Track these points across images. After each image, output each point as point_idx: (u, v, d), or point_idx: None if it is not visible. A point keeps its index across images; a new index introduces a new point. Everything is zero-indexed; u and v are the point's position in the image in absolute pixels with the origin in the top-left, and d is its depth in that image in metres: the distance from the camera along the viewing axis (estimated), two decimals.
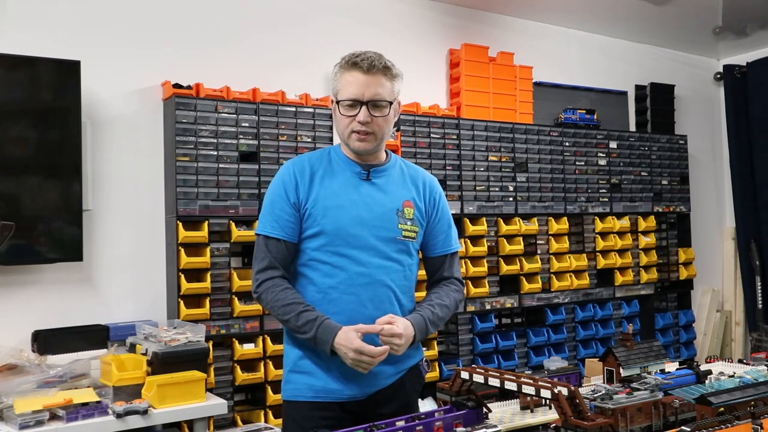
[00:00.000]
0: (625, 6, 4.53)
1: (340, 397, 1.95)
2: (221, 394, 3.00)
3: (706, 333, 5.43)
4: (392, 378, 2.00)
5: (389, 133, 2.03)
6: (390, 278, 1.98)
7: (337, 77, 1.99)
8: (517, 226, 4.13)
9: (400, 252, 2.01)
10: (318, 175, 1.99)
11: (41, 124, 2.95)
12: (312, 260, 1.97)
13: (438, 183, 2.17)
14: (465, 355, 3.93)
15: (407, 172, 2.11)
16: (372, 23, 4.01)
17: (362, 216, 1.96)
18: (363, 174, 2.01)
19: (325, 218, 1.95)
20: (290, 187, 1.97)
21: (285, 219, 1.96)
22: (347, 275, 1.94)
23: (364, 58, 1.94)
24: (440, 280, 2.13)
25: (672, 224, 5.02)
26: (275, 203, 1.98)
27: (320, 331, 1.87)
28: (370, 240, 1.96)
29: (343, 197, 1.97)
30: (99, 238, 3.14)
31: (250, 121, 3.32)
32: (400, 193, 2.04)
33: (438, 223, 2.11)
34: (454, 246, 2.15)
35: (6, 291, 2.92)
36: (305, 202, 1.96)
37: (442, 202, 2.13)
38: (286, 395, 2.03)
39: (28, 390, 2.44)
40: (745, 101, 5.46)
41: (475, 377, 1.73)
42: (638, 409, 1.61)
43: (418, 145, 3.82)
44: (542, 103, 4.56)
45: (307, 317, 1.89)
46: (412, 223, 2.02)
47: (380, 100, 1.95)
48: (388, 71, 1.96)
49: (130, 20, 3.26)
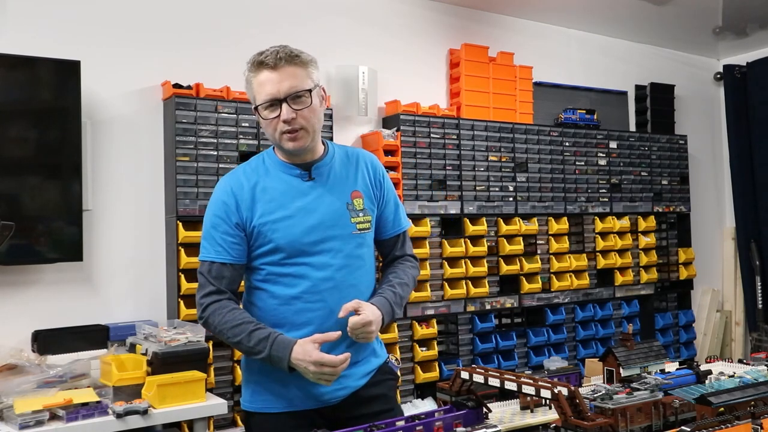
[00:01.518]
0: (625, 6, 4.53)
1: (313, 404, 1.89)
2: (221, 394, 3.00)
3: (706, 333, 5.43)
4: (364, 379, 1.96)
5: (320, 123, 1.92)
6: (354, 277, 1.91)
7: (249, 83, 1.88)
8: (517, 226, 4.13)
9: (359, 246, 1.94)
10: (258, 188, 1.89)
11: (41, 124, 2.94)
12: (270, 275, 1.89)
13: (377, 160, 2.08)
14: (465, 355, 3.93)
15: (347, 158, 2.01)
16: (372, 23, 4.02)
17: (313, 222, 1.88)
18: (304, 175, 1.92)
19: (276, 233, 1.86)
20: (231, 208, 1.87)
21: (230, 242, 1.86)
22: (311, 283, 1.86)
23: (268, 54, 1.83)
24: (394, 259, 2.09)
25: (672, 224, 5.02)
26: (217, 226, 1.87)
27: (274, 348, 1.77)
28: (328, 243, 1.88)
29: (289, 206, 1.88)
30: (99, 238, 3.14)
31: (250, 121, 3.32)
32: (345, 185, 1.95)
33: (386, 205, 2.04)
34: (404, 224, 2.09)
35: (6, 291, 2.92)
36: (251, 221, 1.86)
37: (386, 182, 2.05)
38: (253, 406, 1.94)
39: (28, 390, 2.44)
40: (745, 101, 5.46)
41: (475, 377, 1.73)
42: (638, 409, 1.61)
43: (418, 145, 3.82)
44: (542, 103, 4.56)
45: (259, 336, 1.79)
46: (363, 213, 1.95)
47: (298, 91, 1.83)
48: (296, 59, 1.84)
49: (130, 20, 3.26)
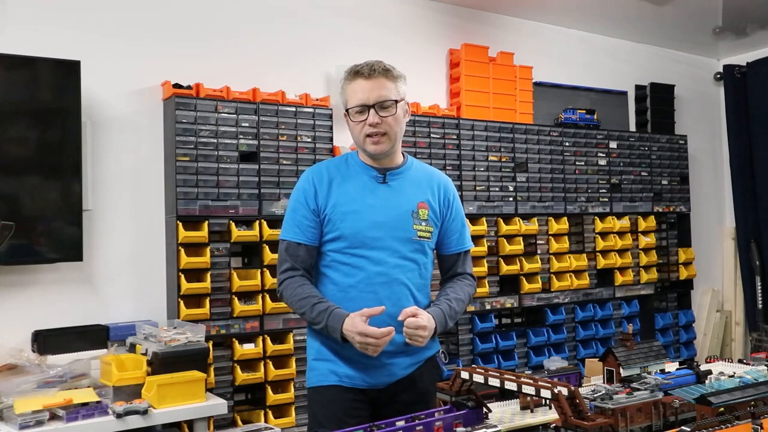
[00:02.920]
0: (625, 6, 4.53)
1: (361, 384, 2.05)
2: (221, 394, 3.00)
3: (706, 333, 5.43)
4: (409, 369, 2.09)
5: (401, 132, 2.13)
6: (406, 276, 2.08)
7: (344, 90, 2.11)
8: (517, 226, 4.13)
9: (415, 251, 2.10)
10: (336, 181, 2.10)
11: (41, 124, 2.94)
12: (333, 261, 2.09)
13: (452, 184, 2.26)
14: (465, 355, 3.93)
15: (423, 173, 2.21)
16: (372, 23, 4.01)
17: (378, 219, 2.06)
18: (379, 177, 2.11)
19: (343, 223, 2.06)
20: (310, 195, 2.09)
21: (306, 225, 2.08)
22: (366, 275, 2.04)
23: (365, 65, 2.07)
24: (454, 276, 2.23)
25: (672, 224, 5.02)
26: (297, 210, 2.10)
27: (330, 319, 1.98)
28: (387, 241, 2.06)
29: (360, 202, 2.07)
30: (99, 238, 3.14)
31: (250, 121, 3.32)
32: (415, 195, 2.13)
33: (452, 222, 2.20)
34: (467, 244, 2.26)
35: (6, 291, 2.92)
36: (324, 208, 2.08)
37: (456, 202, 2.23)
38: (311, 383, 2.13)
39: (28, 390, 2.44)
40: (745, 101, 5.45)
41: (475, 377, 1.73)
42: (638, 409, 1.61)
43: (418, 145, 3.82)
44: (542, 103, 4.56)
45: (320, 308, 2.00)
46: (426, 223, 2.12)
47: (385, 100, 2.05)
48: (388, 73, 2.07)
49: (130, 20, 3.26)
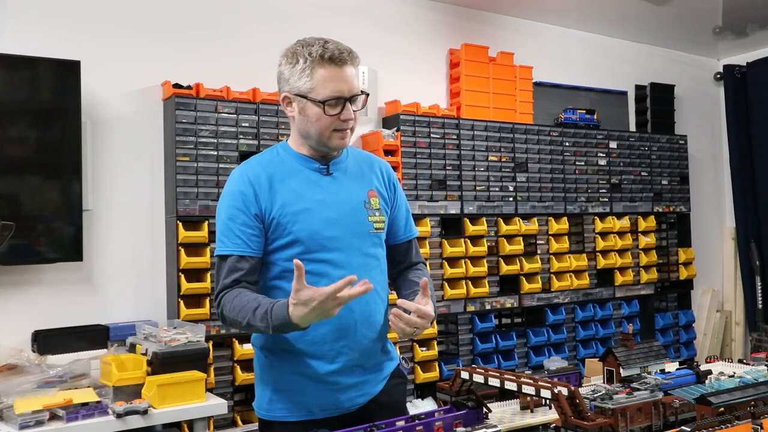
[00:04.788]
0: (625, 6, 4.53)
1: (335, 411, 1.87)
2: (221, 394, 3.00)
3: (706, 333, 5.43)
4: (380, 384, 1.96)
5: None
6: (371, 276, 1.82)
7: (306, 73, 1.78)
8: (517, 226, 4.13)
9: (374, 246, 1.91)
10: (276, 178, 1.83)
11: (41, 124, 2.94)
12: (286, 272, 1.78)
13: (390, 166, 2.07)
14: (465, 355, 3.93)
15: (362, 158, 2.00)
16: (372, 23, 4.01)
17: (332, 216, 1.83)
18: (323, 169, 1.88)
19: (296, 225, 1.79)
20: (249, 198, 1.79)
21: (249, 233, 1.78)
22: (330, 281, 1.69)
23: (335, 49, 1.78)
24: (409, 266, 2.06)
25: (672, 224, 5.02)
26: (235, 218, 1.79)
27: (274, 318, 1.66)
28: (346, 239, 1.84)
29: (308, 199, 1.82)
30: (99, 238, 3.14)
31: (250, 121, 3.32)
32: (362, 184, 1.93)
33: (399, 210, 2.02)
34: (415, 231, 2.09)
35: (6, 291, 2.92)
36: (270, 211, 1.80)
37: (398, 187, 2.04)
38: (271, 415, 1.87)
39: (28, 390, 2.44)
40: (745, 101, 5.45)
41: (475, 377, 1.73)
42: (638, 409, 1.61)
43: (418, 145, 3.82)
44: (542, 103, 4.56)
45: (260, 313, 1.69)
46: (379, 213, 1.93)
47: (359, 93, 1.83)
48: (356, 60, 1.83)
49: (130, 20, 3.26)
